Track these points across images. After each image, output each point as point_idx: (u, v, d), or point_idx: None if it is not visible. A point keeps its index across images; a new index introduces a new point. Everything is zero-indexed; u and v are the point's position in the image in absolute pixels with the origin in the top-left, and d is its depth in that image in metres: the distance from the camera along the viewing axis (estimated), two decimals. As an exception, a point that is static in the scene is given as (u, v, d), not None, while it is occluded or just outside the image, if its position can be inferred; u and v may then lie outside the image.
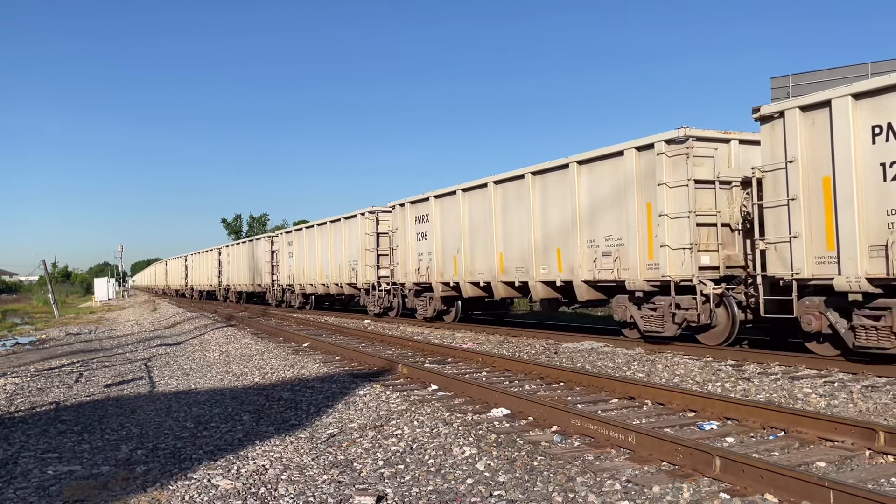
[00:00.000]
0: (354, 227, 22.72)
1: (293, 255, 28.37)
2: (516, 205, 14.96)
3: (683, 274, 11.10)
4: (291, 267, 28.64)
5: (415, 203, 19.23)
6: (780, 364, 9.76)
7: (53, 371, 12.93)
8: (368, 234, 21.89)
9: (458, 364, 11.46)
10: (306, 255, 26.94)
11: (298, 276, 27.81)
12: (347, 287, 23.44)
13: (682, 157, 11.15)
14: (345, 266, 23.43)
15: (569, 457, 5.68)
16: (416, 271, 18.87)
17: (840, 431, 5.89)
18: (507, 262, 15.30)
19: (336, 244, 24.27)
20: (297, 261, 27.96)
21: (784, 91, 28.49)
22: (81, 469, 5.94)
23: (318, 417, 7.70)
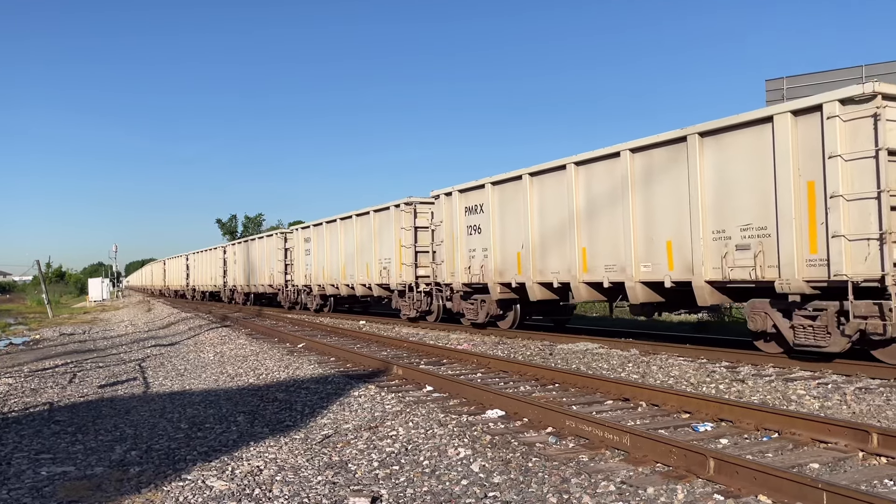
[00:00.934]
0: (387, 220, 20.09)
1: (310, 252, 25.73)
2: (605, 191, 12.43)
3: (867, 272, 8.64)
4: (308, 266, 25.98)
5: (466, 191, 16.56)
6: (773, 366, 9.79)
7: (47, 371, 12.89)
8: (405, 229, 19.14)
9: (453, 365, 11.46)
10: (326, 252, 24.38)
11: (317, 275, 25.24)
12: (378, 288, 20.90)
13: (866, 121, 8.71)
14: (374, 265, 20.87)
15: (563, 458, 5.69)
16: (466, 270, 16.35)
17: (833, 433, 5.91)
18: (592, 260, 12.80)
19: (363, 240, 21.71)
20: (315, 259, 25.38)
21: (779, 93, 28.57)
22: (75, 470, 5.92)
23: (313, 418, 7.69)
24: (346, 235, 23.01)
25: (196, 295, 47.37)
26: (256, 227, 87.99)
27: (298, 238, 27.43)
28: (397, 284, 19.59)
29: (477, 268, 16.07)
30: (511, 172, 14.96)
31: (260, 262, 32.25)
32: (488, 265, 15.68)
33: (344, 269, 23.15)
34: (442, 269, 17.53)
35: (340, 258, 23.37)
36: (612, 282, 12.44)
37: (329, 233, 24.49)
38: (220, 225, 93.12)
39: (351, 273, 22.53)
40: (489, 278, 15.67)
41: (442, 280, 17.65)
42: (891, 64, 26.85)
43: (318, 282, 25.23)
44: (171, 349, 16.49)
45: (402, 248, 19.28)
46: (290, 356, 13.17)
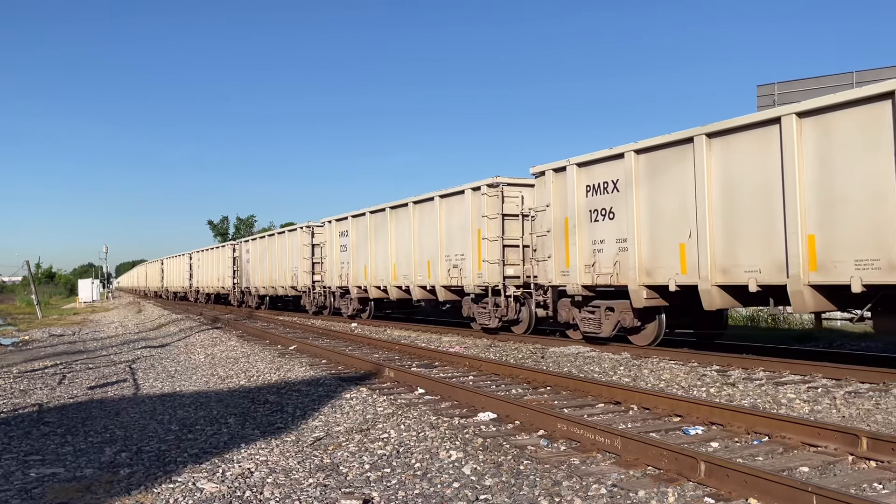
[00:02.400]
0: (460, 208, 16.50)
1: (348, 248, 22.43)
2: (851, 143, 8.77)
3: None
4: (346, 265, 22.58)
5: (588, 164, 12.75)
6: (764, 370, 9.83)
7: (36, 372, 12.81)
8: (489, 217, 15.42)
9: (445, 368, 11.46)
10: (371, 248, 20.87)
11: (356, 275, 21.90)
12: (444, 291, 17.21)
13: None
14: (440, 262, 17.16)
15: (555, 461, 5.70)
16: (587, 268, 12.63)
17: (823, 437, 5.94)
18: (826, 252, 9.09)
19: (425, 233, 18.05)
20: (353, 256, 21.99)
21: (770, 99, 28.75)
22: (64, 471, 5.89)
23: (304, 420, 7.67)
24: (399, 227, 19.35)
25: (200, 297, 43.74)
26: (248, 229, 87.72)
27: (331, 232, 24.00)
28: (476, 286, 15.82)
29: (609, 265, 12.35)
30: (670, 135, 11.18)
31: (280, 260, 28.57)
32: (627, 261, 11.92)
33: (395, 268, 19.57)
34: (548, 266, 13.81)
35: (391, 255, 19.68)
36: (866, 284, 8.66)
37: (375, 225, 20.78)
38: (211, 226, 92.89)
39: (405, 273, 18.90)
40: (629, 278, 11.86)
41: (543, 281, 14.05)
42: (880, 70, 27.08)
43: (357, 283, 21.84)
44: (161, 351, 16.42)
45: (486, 241, 15.47)
46: (281, 358, 13.14)
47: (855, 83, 26.72)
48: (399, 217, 19.54)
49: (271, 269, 29.77)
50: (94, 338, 22.11)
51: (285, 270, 28.06)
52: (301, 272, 26.10)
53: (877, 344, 12.82)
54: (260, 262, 31.32)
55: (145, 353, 15.83)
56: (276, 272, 29.21)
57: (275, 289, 29.39)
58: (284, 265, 28.11)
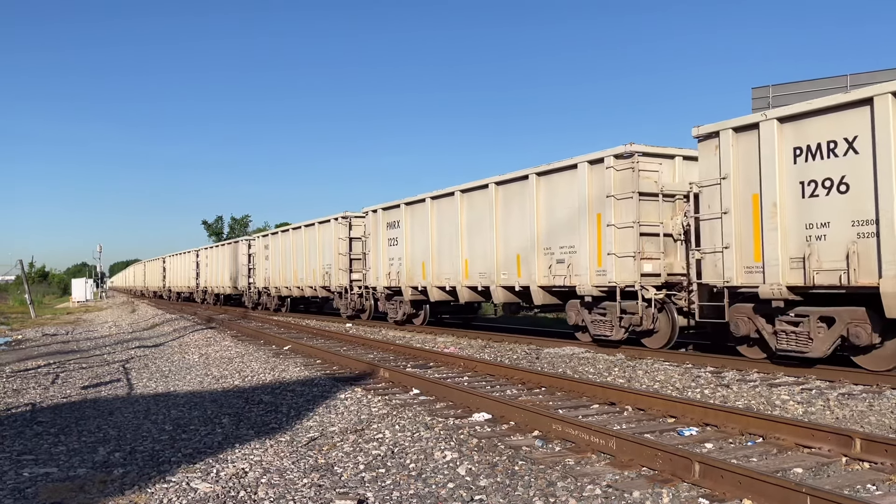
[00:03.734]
0: (570, 187, 13.01)
1: (398, 242, 19.10)
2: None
3: None
4: (396, 261, 19.18)
5: (796, 120, 9.54)
6: (758, 371, 9.85)
7: (30, 372, 12.75)
8: (617, 197, 11.93)
9: (439, 368, 11.46)
10: (433, 241, 17.37)
11: (410, 273, 18.48)
12: (541, 293, 13.79)
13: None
14: (536, 257, 13.77)
15: (550, 461, 5.70)
16: (793, 262, 9.56)
17: (817, 438, 5.96)
18: None
19: (513, 221, 14.55)
20: (407, 251, 18.63)
21: (765, 101, 28.85)
22: (58, 471, 5.86)
23: (299, 421, 7.66)
24: (473, 215, 15.94)
25: (207, 298, 39.98)
26: (243, 229, 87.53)
27: (376, 223, 20.32)
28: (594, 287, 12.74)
29: (835, 256, 9.53)
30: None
31: (308, 256, 25.10)
32: (871, 251, 9.17)
33: (467, 265, 16.08)
34: (717, 261, 10.99)
35: (461, 249, 16.23)
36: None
37: (438, 212, 17.28)
38: (205, 226, 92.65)
39: (482, 270, 15.59)
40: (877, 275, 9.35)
41: (721, 281, 10.98)
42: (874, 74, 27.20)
43: (413, 282, 18.31)
44: (155, 350, 16.37)
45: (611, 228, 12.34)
46: (275, 358, 13.11)
47: (849, 86, 26.85)
48: (473, 202, 15.99)
49: (296, 267, 26.12)
50: (87, 337, 22.03)
51: (315, 268, 24.48)
52: (336, 270, 22.68)
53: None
54: (282, 258, 27.59)
55: (139, 353, 15.79)
56: (302, 270, 25.58)
57: (301, 289, 25.74)
58: (314, 262, 24.57)
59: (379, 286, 20.08)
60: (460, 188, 16.32)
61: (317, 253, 24.38)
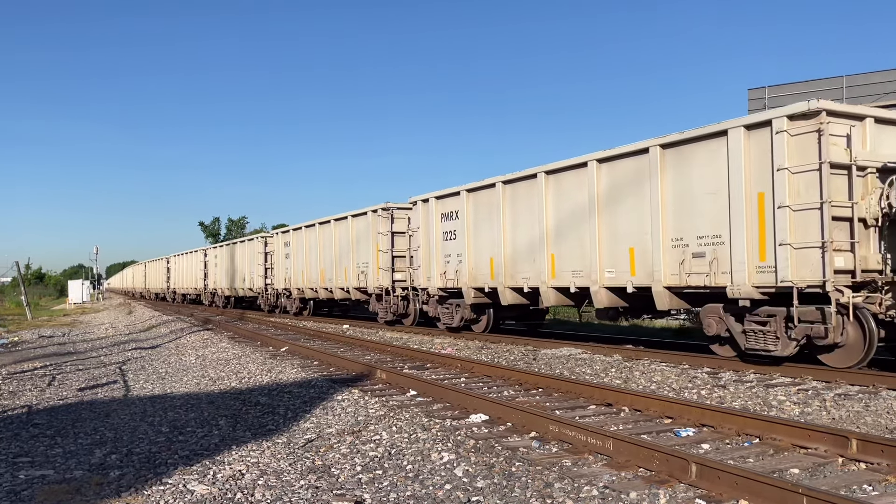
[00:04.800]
0: (698, 161, 10.57)
1: (456, 235, 16.23)
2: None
3: None
4: (452, 259, 16.29)
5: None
6: (754, 372, 9.87)
7: (26, 374, 12.73)
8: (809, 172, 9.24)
9: (436, 370, 11.45)
10: (504, 232, 14.59)
11: (473, 272, 15.59)
12: (666, 296, 11.07)
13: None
14: (663, 249, 11.03)
15: (547, 462, 5.70)
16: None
17: (813, 439, 5.97)
18: None
19: (627, 207, 11.66)
20: (468, 245, 15.74)
21: (761, 103, 28.91)
22: (54, 473, 5.85)
23: (296, 422, 7.65)
24: (563, 196, 13.14)
25: (216, 300, 37.07)
26: (240, 230, 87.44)
27: (427, 215, 17.34)
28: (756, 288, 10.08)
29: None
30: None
31: (338, 254, 22.40)
32: None
33: (553, 261, 13.36)
34: None
35: (546, 242, 13.43)
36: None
37: (513, 197, 14.50)
38: (202, 227, 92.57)
39: (577, 267, 12.79)
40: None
41: None
42: (869, 75, 27.29)
43: (475, 282, 15.59)
44: (152, 352, 16.35)
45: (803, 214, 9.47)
46: (272, 360, 13.10)
47: (845, 87, 26.92)
48: (563, 187, 13.09)
49: (323, 266, 23.50)
50: (84, 339, 21.99)
51: (347, 267, 21.73)
52: (374, 269, 19.89)
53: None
54: (306, 257, 24.91)
55: (136, 355, 15.76)
56: (331, 269, 22.91)
57: (329, 290, 23.02)
58: (346, 260, 21.83)
59: (431, 287, 17.04)
60: (544, 169, 13.45)
61: (350, 250, 21.47)
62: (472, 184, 15.64)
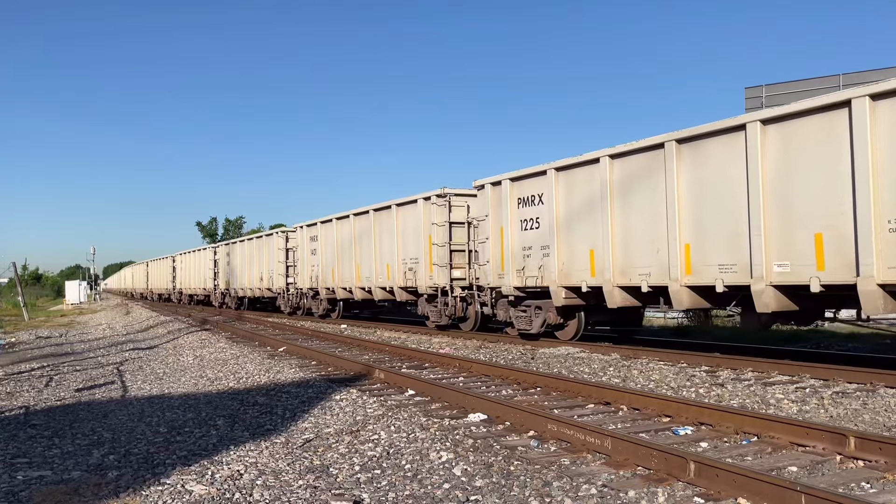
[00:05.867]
0: None
1: (538, 223, 13.54)
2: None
3: None
4: (532, 252, 13.64)
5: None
6: (752, 370, 9.88)
7: (23, 375, 12.71)
8: None
9: (435, 369, 11.45)
10: (611, 218, 11.86)
11: (565, 268, 12.91)
12: (878, 296, 8.50)
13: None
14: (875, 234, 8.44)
15: (545, 461, 5.70)
16: None
17: (811, 436, 5.98)
18: None
19: (809, 180, 9.10)
20: (558, 234, 13.00)
21: (758, 101, 28.96)
22: (52, 474, 5.84)
23: (294, 422, 7.65)
24: (696, 172, 10.51)
25: (228, 302, 34.62)
26: (237, 230, 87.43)
27: (499, 201, 14.62)
28: None
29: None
30: None
31: (379, 249, 19.84)
32: None
33: (688, 251, 10.65)
34: None
35: (678, 230, 10.72)
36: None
37: (630, 177, 11.61)
38: (199, 228, 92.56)
39: (728, 261, 10.11)
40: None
41: None
42: (866, 73, 27.36)
43: (569, 280, 12.84)
44: (149, 353, 16.33)
45: None
46: (270, 360, 13.09)
47: (842, 86, 26.97)
48: (703, 158, 10.41)
49: (358, 262, 21.02)
50: (81, 340, 21.97)
51: (390, 263, 19.12)
52: (426, 265, 17.39)
53: (863, 345, 12.92)
54: (337, 252, 22.46)
55: (133, 355, 15.74)
56: (368, 266, 20.36)
57: (367, 290, 20.52)
58: (388, 256, 19.32)
59: (504, 286, 14.45)
60: (675, 137, 10.65)
61: (394, 244, 18.89)
62: (562, 161, 12.93)
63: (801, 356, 11.04)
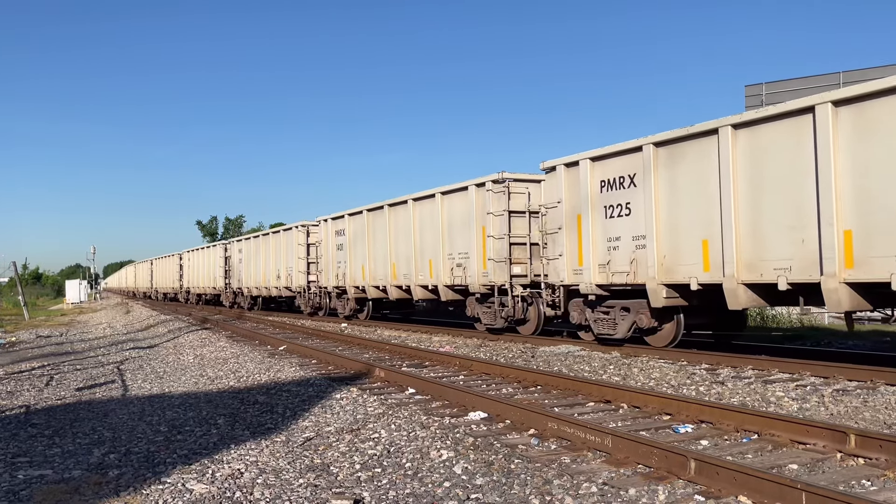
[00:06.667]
0: None
1: (629, 210, 11.69)
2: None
3: None
4: (624, 243, 11.74)
5: None
6: (753, 368, 9.88)
7: (23, 374, 12.71)
8: None
9: (435, 367, 11.45)
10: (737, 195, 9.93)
11: (667, 263, 11.04)
12: None
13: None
14: None
15: (546, 459, 5.70)
16: None
17: (812, 434, 5.98)
18: None
19: None
20: (658, 221, 11.16)
21: (758, 99, 28.94)
22: (52, 473, 5.84)
23: (295, 421, 7.65)
24: None
25: (242, 301, 32.72)
26: (237, 229, 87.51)
27: (575, 184, 12.74)
28: None
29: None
30: None
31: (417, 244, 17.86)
32: None
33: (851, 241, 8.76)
34: None
35: None
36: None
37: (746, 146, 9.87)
38: (200, 227, 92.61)
39: None
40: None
41: None
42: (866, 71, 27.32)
43: (670, 276, 10.97)
44: (150, 352, 16.33)
45: None
46: (271, 359, 13.09)
47: (842, 83, 26.95)
48: (866, 117, 8.56)
49: (394, 258, 18.98)
50: (81, 339, 21.97)
51: (433, 259, 17.12)
52: (479, 261, 15.45)
53: (864, 342, 12.92)
54: (369, 247, 20.32)
55: (134, 354, 15.74)
56: (406, 262, 18.31)
57: (405, 289, 18.62)
58: (430, 251, 17.26)
59: (583, 284, 12.41)
60: (829, 98, 8.83)
61: (439, 237, 16.90)
62: (663, 135, 11.03)
63: (801, 354, 11.04)
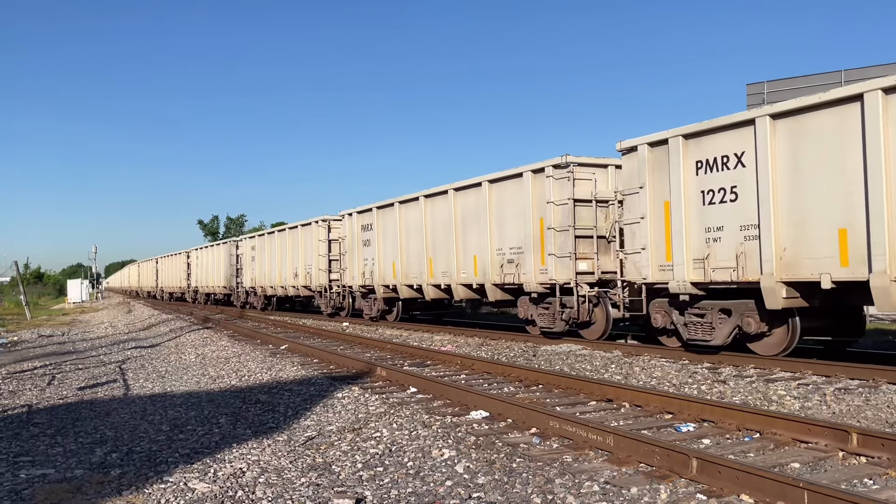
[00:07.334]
0: None
1: (735, 195, 10.00)
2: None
3: None
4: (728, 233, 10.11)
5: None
6: (755, 367, 9.87)
7: (25, 373, 12.72)
8: None
9: (437, 367, 11.46)
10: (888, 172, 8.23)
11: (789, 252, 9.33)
12: None
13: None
14: None
15: (547, 458, 5.71)
16: None
17: (814, 433, 5.97)
18: None
19: None
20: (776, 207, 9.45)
21: (759, 98, 28.91)
22: (55, 472, 5.85)
23: (296, 420, 7.65)
24: None
25: (255, 301, 30.98)
26: (239, 228, 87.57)
27: (659, 167, 11.18)
28: None
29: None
30: None
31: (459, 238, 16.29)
32: None
33: None
34: None
35: None
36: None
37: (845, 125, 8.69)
38: (201, 226, 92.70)
39: None
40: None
41: None
42: (868, 69, 27.28)
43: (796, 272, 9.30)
44: (151, 351, 16.34)
45: None
46: (272, 358, 13.10)
47: (843, 82, 26.92)
48: None
49: (431, 254, 17.40)
50: (83, 338, 21.99)
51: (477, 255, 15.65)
52: (535, 256, 13.92)
53: (866, 342, 12.90)
54: (401, 243, 18.77)
55: (135, 354, 15.75)
56: (445, 259, 16.79)
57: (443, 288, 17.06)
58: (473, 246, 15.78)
59: (674, 282, 10.87)
60: None
61: (486, 230, 15.22)
62: (783, 105, 9.42)
63: (803, 353, 11.01)
